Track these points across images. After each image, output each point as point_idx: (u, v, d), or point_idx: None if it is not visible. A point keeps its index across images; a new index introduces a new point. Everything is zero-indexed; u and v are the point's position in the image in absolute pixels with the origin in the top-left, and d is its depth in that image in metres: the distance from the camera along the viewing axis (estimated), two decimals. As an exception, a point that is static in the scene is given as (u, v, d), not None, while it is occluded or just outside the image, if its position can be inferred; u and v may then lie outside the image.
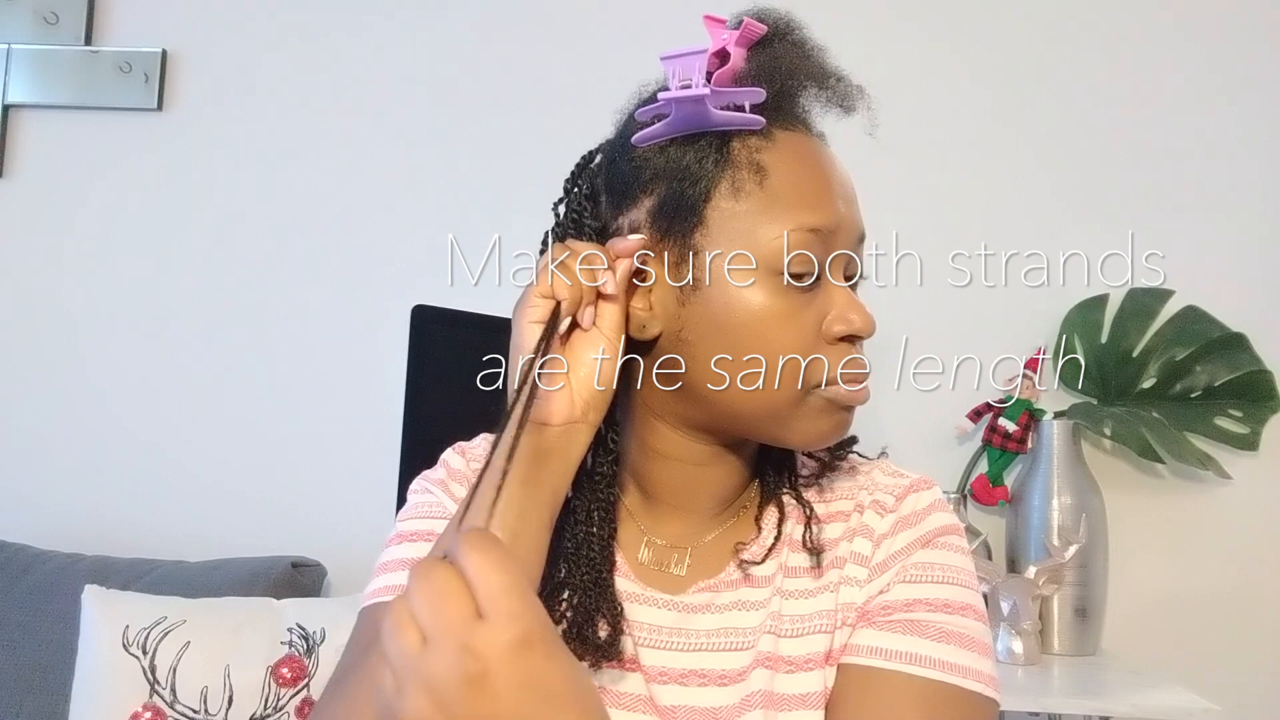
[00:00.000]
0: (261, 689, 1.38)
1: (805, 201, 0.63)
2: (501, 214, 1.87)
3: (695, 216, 0.63)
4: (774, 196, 0.62)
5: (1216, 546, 1.64)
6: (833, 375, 0.62)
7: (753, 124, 0.63)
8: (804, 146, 0.65)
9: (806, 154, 0.64)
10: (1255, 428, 1.61)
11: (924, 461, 1.70)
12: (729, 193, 0.62)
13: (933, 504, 0.68)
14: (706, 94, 0.60)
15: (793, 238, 0.61)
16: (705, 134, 0.63)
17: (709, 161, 0.63)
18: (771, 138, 0.64)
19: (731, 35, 0.63)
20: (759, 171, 0.62)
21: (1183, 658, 1.61)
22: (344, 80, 1.86)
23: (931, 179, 1.74)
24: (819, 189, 0.63)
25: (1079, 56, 1.74)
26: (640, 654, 0.67)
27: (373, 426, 1.75)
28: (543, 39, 1.83)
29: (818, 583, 0.67)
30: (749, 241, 0.62)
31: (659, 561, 0.70)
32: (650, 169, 0.64)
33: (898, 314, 1.70)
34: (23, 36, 1.91)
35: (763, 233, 0.62)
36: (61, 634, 1.49)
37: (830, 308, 0.63)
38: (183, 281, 1.86)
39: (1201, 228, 1.69)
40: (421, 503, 0.72)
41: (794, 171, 0.63)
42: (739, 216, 0.62)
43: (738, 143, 0.63)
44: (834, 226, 0.63)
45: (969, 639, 0.62)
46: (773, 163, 0.63)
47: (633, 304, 0.65)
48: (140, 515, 1.81)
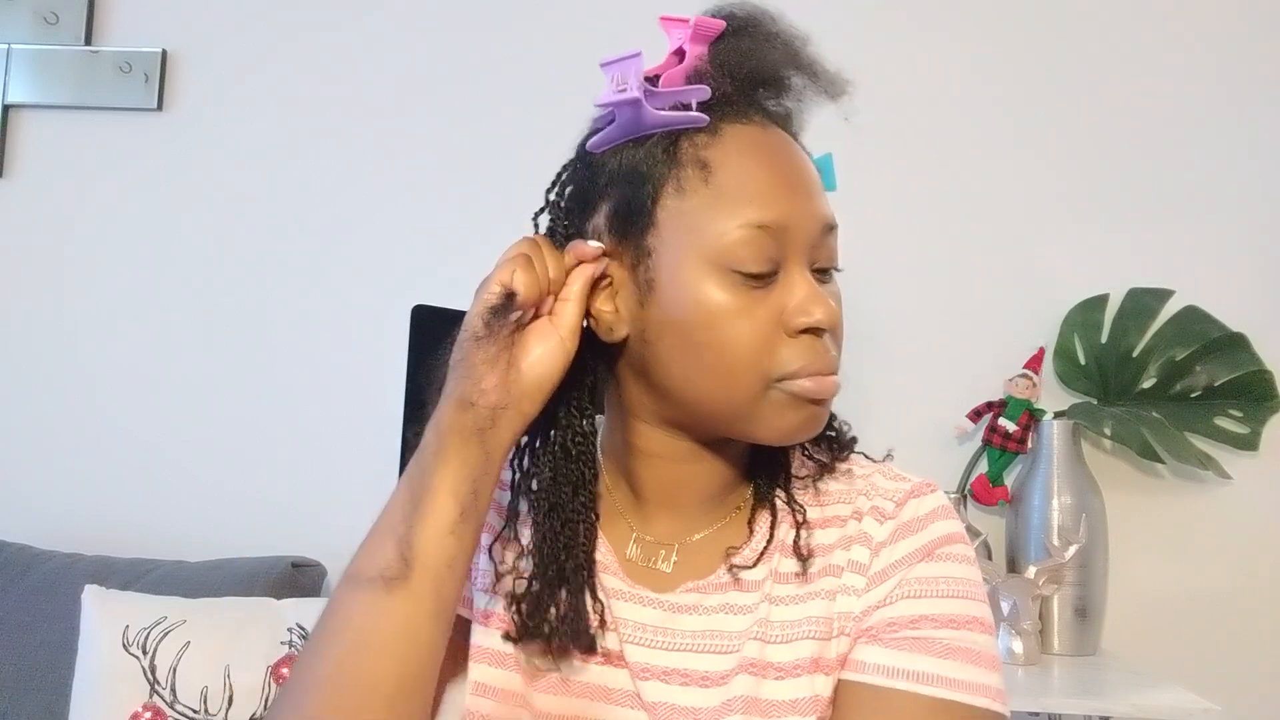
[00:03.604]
0: (261, 689, 1.38)
1: (753, 196, 0.61)
2: (502, 213, 1.87)
3: (646, 218, 0.63)
4: (719, 193, 0.61)
5: (1216, 546, 1.64)
6: (795, 369, 0.61)
7: (695, 121, 0.62)
8: (754, 139, 0.63)
9: (756, 147, 0.63)
10: (1255, 428, 1.62)
11: (924, 461, 1.70)
12: (675, 192, 0.62)
13: (935, 510, 0.67)
14: (639, 97, 0.60)
15: (741, 233, 0.60)
16: (655, 135, 0.63)
17: (656, 162, 0.63)
18: (718, 133, 0.63)
19: (686, 33, 0.63)
20: (704, 168, 0.62)
21: (1183, 658, 1.61)
22: (344, 80, 1.86)
23: (932, 179, 1.75)
24: (769, 182, 0.62)
25: (1080, 56, 1.74)
26: (625, 650, 0.67)
27: (373, 426, 1.75)
28: (544, 39, 1.83)
29: (807, 588, 0.66)
30: (698, 240, 0.61)
31: (647, 558, 0.70)
32: (605, 174, 0.65)
33: (898, 314, 1.71)
34: (23, 36, 1.91)
35: (710, 230, 0.61)
36: (61, 634, 1.49)
37: (790, 300, 0.62)
38: (183, 281, 1.86)
39: (1201, 228, 1.69)
40: None
41: (741, 166, 0.62)
42: (686, 214, 0.62)
43: (685, 141, 0.63)
44: (785, 220, 0.61)
45: (975, 653, 0.62)
46: (718, 159, 0.62)
47: (599, 307, 0.65)
48: (140, 515, 1.81)
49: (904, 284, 1.73)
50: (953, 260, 1.73)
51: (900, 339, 1.70)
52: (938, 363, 1.71)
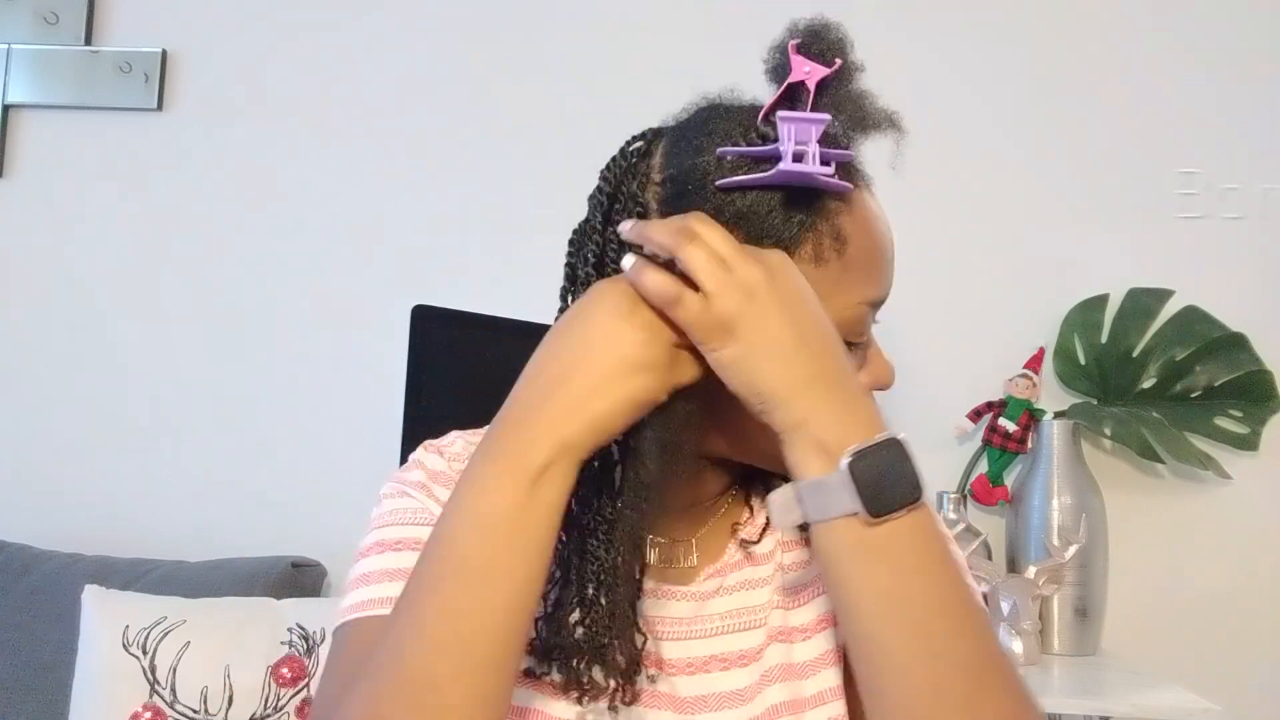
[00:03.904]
0: (261, 689, 1.38)
1: (874, 273, 0.63)
2: (503, 214, 1.88)
3: None
4: (848, 267, 0.61)
5: (1216, 546, 1.64)
6: None
7: (844, 190, 0.60)
8: (871, 211, 0.64)
9: (874, 220, 0.64)
10: (1255, 428, 1.61)
11: (924, 461, 1.69)
12: (810, 257, 0.61)
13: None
14: (829, 174, 0.56)
15: (861, 310, 0.62)
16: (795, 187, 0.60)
17: (795, 221, 0.60)
18: (849, 202, 0.62)
19: (815, 70, 0.58)
20: (838, 240, 0.61)
21: (1183, 658, 1.61)
22: (344, 80, 1.86)
23: (932, 178, 1.74)
24: (884, 259, 0.64)
25: (1080, 56, 1.74)
26: (661, 648, 0.66)
27: (373, 426, 1.75)
28: (544, 39, 1.83)
29: (817, 573, 0.68)
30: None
31: (667, 559, 0.70)
32: (729, 211, 0.60)
33: (898, 314, 1.71)
34: (23, 36, 1.91)
35: (834, 303, 0.60)
36: (61, 634, 1.49)
37: (865, 362, 0.66)
38: (182, 281, 1.86)
39: (1201, 228, 1.69)
40: (401, 508, 0.69)
41: (867, 241, 0.62)
42: (814, 283, 0.59)
43: (823, 204, 0.60)
44: (886, 294, 0.64)
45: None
46: (850, 231, 0.61)
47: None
48: (140, 515, 1.81)
49: (904, 284, 1.72)
50: (953, 260, 1.73)
51: (900, 339, 1.70)
52: (938, 363, 1.71)
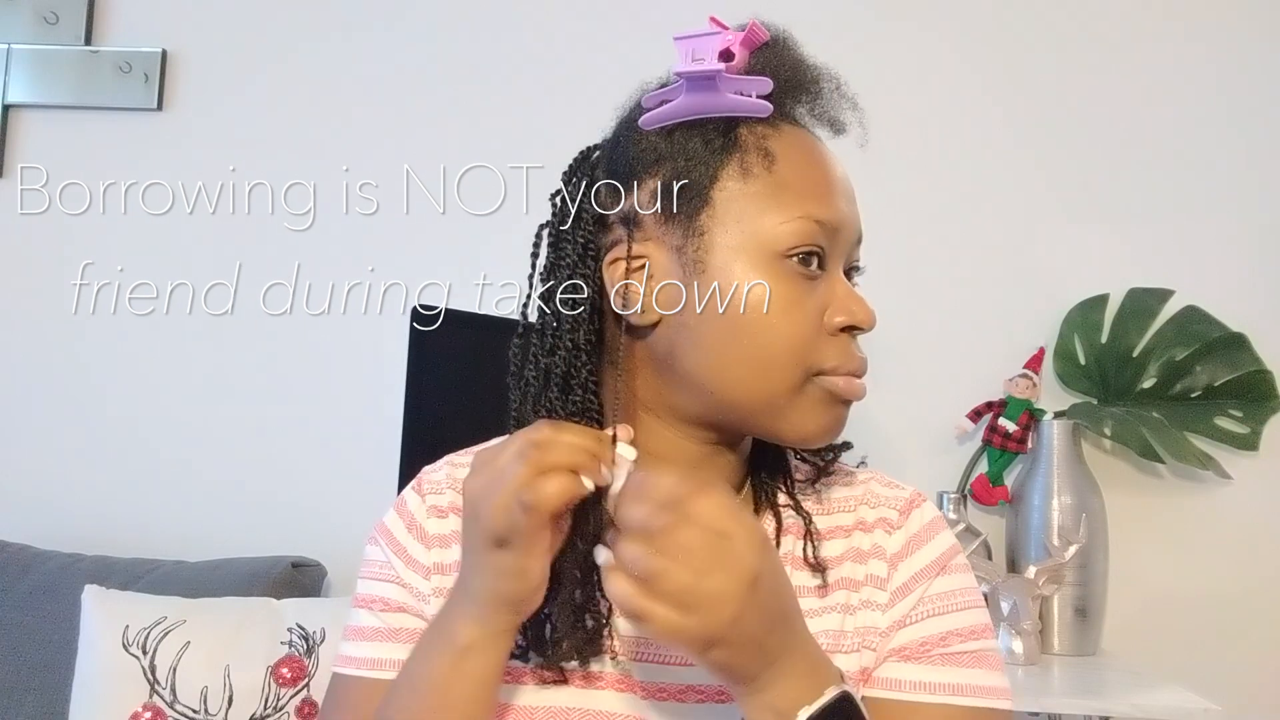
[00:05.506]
0: (261, 689, 1.38)
1: (813, 193, 0.63)
2: (502, 214, 1.87)
3: (702, 198, 0.62)
4: (782, 183, 0.62)
5: (1216, 546, 1.64)
6: (832, 365, 0.62)
7: (760, 110, 0.63)
8: (807, 141, 0.65)
9: (810, 149, 0.65)
10: (1255, 428, 1.62)
11: (924, 461, 1.70)
12: (737, 174, 0.62)
13: (935, 519, 0.69)
14: (720, 70, 0.61)
15: (801, 225, 0.61)
16: (711, 119, 0.63)
17: (717, 144, 0.63)
18: (778, 127, 0.64)
19: (737, 36, 0.64)
20: (767, 157, 0.63)
21: (1183, 658, 1.61)
22: (344, 80, 1.86)
23: (932, 179, 1.75)
24: (825, 183, 0.64)
25: (1079, 56, 1.74)
26: (632, 669, 0.66)
27: (373, 426, 1.75)
28: (544, 39, 1.83)
29: (822, 602, 0.66)
30: (756, 224, 0.62)
31: None
32: (655, 152, 0.64)
33: (899, 314, 1.71)
34: (23, 36, 1.91)
35: (771, 217, 0.62)
36: (61, 634, 1.49)
37: (831, 299, 0.63)
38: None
39: (1201, 228, 1.69)
40: (372, 560, 0.71)
41: (800, 162, 0.63)
42: (747, 198, 0.62)
43: (745, 129, 0.63)
44: (837, 222, 0.63)
45: (992, 659, 0.65)
46: (780, 150, 0.63)
47: (629, 288, 0.64)
48: (140, 515, 1.81)
49: (904, 284, 1.73)
50: (953, 261, 1.73)
51: (900, 339, 1.70)
52: (938, 363, 1.71)
